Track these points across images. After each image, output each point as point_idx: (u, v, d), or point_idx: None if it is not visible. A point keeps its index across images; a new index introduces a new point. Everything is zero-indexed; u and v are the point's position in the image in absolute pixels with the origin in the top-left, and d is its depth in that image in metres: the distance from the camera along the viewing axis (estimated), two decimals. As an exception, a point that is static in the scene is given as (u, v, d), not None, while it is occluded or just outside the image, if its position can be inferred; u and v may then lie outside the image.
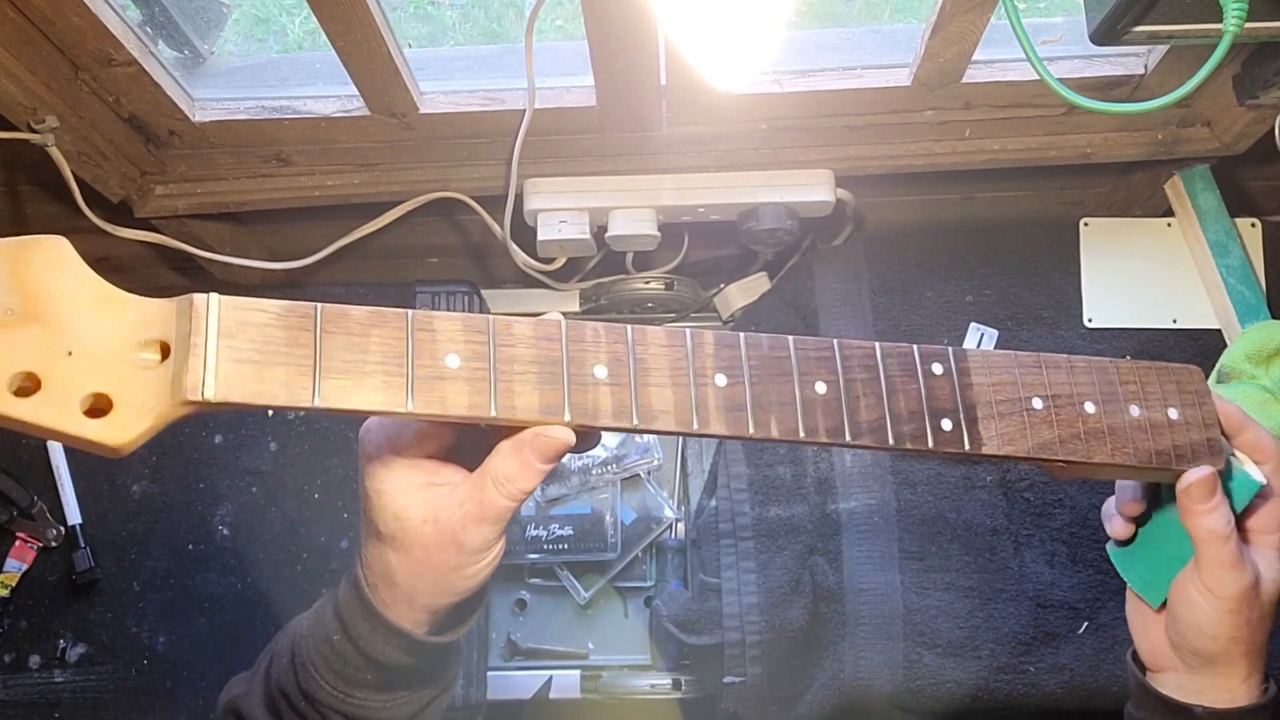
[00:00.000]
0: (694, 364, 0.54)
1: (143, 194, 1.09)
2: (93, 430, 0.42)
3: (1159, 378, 0.62)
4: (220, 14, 1.10)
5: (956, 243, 1.14)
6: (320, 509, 1.09)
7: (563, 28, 1.34)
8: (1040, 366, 0.60)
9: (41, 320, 0.42)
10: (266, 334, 0.46)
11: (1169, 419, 0.62)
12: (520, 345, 0.50)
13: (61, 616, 1.06)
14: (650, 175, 1.08)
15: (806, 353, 0.56)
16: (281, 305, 0.47)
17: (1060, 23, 1.03)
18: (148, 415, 0.43)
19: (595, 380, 0.52)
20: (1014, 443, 0.59)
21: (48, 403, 0.41)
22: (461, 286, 1.17)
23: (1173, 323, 1.09)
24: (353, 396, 0.47)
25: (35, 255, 0.43)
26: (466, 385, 0.49)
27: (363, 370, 0.48)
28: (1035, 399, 0.60)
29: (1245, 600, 0.59)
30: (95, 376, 0.43)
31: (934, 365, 0.58)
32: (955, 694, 0.97)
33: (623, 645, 1.16)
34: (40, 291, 0.42)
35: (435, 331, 0.49)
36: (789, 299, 1.15)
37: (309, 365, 0.47)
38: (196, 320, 0.45)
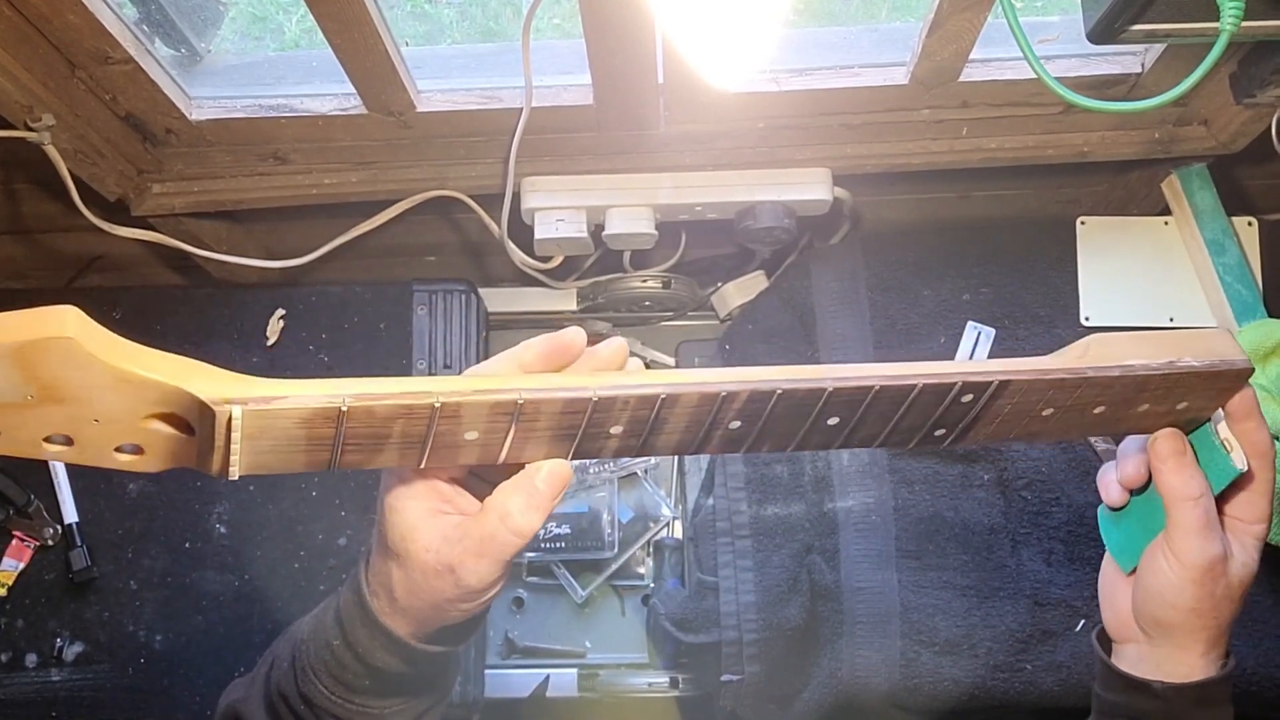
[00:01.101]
0: (714, 417, 0.53)
1: (140, 192, 1.09)
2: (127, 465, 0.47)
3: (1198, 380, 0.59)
4: (217, 12, 1.10)
5: (954, 241, 1.14)
6: (318, 507, 1.08)
7: (560, 26, 1.34)
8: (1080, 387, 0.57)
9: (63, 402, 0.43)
10: (290, 434, 0.48)
11: (1174, 408, 0.60)
12: (543, 420, 0.50)
13: (58, 615, 1.06)
14: (647, 174, 1.08)
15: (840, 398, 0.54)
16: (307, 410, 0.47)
17: (1057, 21, 1.03)
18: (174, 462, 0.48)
19: (609, 435, 0.52)
20: (993, 438, 0.60)
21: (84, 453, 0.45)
22: (459, 285, 1.17)
23: (1170, 321, 1.09)
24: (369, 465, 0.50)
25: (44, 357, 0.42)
26: (480, 450, 0.51)
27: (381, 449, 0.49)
28: (1048, 409, 0.58)
29: (1210, 572, 0.59)
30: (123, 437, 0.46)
31: (965, 396, 0.56)
32: (952, 692, 0.97)
33: (620, 644, 1.16)
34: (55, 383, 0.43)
35: (460, 418, 0.49)
36: (786, 297, 1.15)
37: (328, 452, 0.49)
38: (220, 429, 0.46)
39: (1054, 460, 1.04)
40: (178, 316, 1.15)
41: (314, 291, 1.17)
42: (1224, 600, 0.60)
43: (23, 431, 0.44)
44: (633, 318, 1.29)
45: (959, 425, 0.58)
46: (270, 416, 0.47)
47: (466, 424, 0.49)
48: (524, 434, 0.51)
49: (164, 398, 0.45)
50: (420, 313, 1.16)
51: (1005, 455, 1.04)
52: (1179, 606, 0.60)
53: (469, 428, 0.49)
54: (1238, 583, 0.61)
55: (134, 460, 0.47)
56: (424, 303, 1.16)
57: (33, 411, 0.43)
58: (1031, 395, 0.57)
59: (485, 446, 0.51)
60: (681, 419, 0.53)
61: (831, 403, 0.54)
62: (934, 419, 0.57)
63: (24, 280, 1.44)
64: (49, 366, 0.42)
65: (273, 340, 1.14)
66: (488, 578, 0.53)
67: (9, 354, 0.41)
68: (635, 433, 0.53)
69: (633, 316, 1.28)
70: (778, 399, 0.53)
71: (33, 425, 0.44)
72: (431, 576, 0.53)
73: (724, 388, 0.51)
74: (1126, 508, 0.65)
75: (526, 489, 0.52)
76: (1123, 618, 0.64)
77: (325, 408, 0.47)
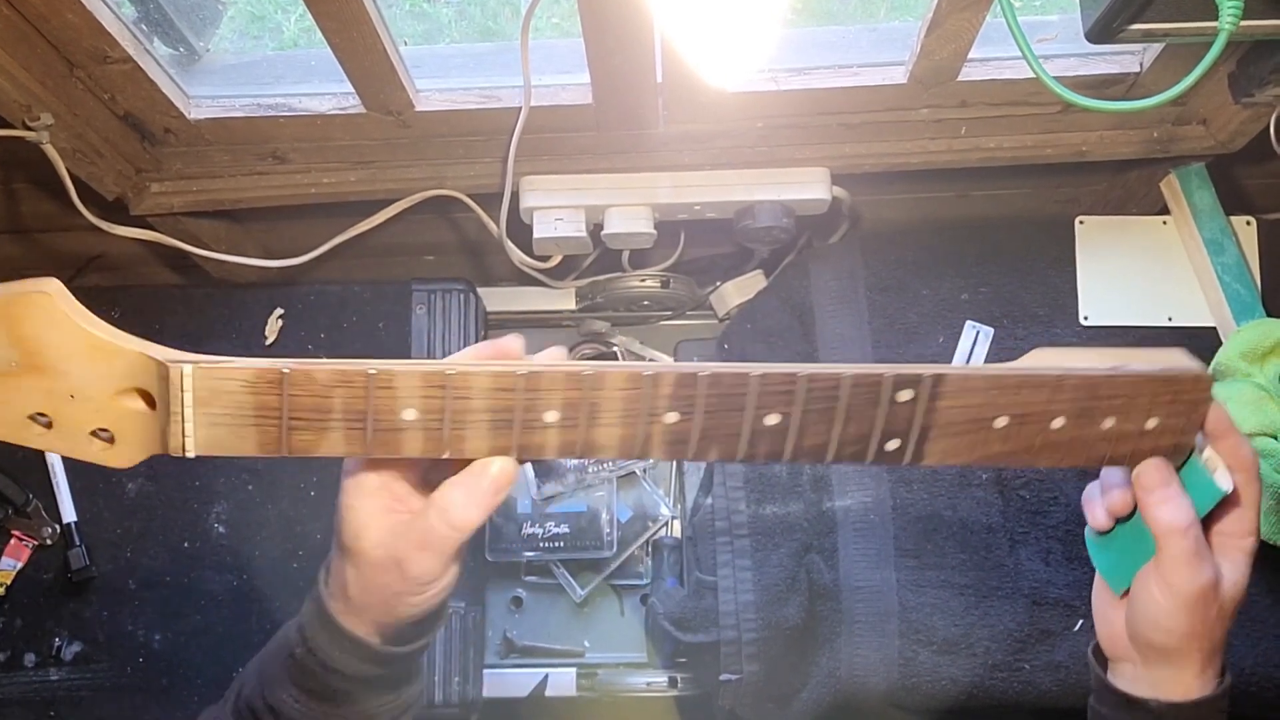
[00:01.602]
0: (648, 404, 0.54)
1: (138, 192, 1.09)
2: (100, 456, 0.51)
3: (1156, 388, 0.58)
4: (216, 11, 1.10)
5: (952, 240, 1.14)
6: (316, 506, 1.08)
7: (559, 25, 1.34)
8: (1021, 387, 0.57)
9: (42, 371, 0.48)
10: (238, 400, 0.50)
11: (1144, 429, 0.59)
12: (476, 397, 0.52)
13: (57, 614, 1.06)
14: (646, 173, 1.08)
15: (768, 388, 0.54)
16: (251, 371, 0.50)
17: (1056, 21, 1.03)
18: (143, 450, 0.51)
19: (545, 424, 0.53)
20: (957, 457, 0.59)
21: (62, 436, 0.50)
22: (458, 284, 1.17)
23: (1168, 320, 1.09)
24: (317, 447, 0.52)
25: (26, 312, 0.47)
26: (422, 436, 0.52)
27: (326, 426, 0.51)
28: (1000, 418, 0.57)
29: (1202, 599, 0.59)
30: (97, 416, 0.50)
31: (902, 393, 0.56)
32: (951, 691, 0.97)
33: (619, 643, 1.16)
34: (36, 345, 0.47)
35: (395, 389, 0.51)
36: (785, 297, 1.15)
37: (277, 425, 0.51)
38: (174, 390, 0.49)
39: (1052, 459, 1.04)
40: (176, 316, 1.15)
41: (313, 291, 1.17)
42: (1217, 621, 0.60)
43: (9, 407, 0.49)
44: (631, 317, 1.29)
45: (911, 435, 0.57)
46: (218, 376, 0.49)
47: (402, 397, 0.51)
48: (460, 415, 0.52)
49: (130, 368, 0.48)
50: (419, 312, 1.16)
51: (1004, 454, 1.04)
52: (1174, 632, 0.60)
53: (405, 403, 0.51)
54: (1230, 601, 0.61)
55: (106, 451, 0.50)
56: (423, 302, 1.16)
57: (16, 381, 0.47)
58: (974, 397, 0.56)
59: (426, 431, 0.52)
60: (615, 405, 0.53)
61: (763, 393, 0.54)
62: (881, 426, 0.56)
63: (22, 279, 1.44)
64: (30, 324, 0.47)
65: (271, 339, 1.14)
66: (432, 570, 0.54)
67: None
68: (572, 421, 0.53)
69: (631, 316, 1.28)
70: (706, 383, 0.53)
71: (18, 399, 0.48)
72: (380, 571, 0.54)
73: (649, 368, 0.53)
74: (1115, 531, 0.65)
75: (467, 484, 0.53)
76: (1117, 637, 0.64)
77: (268, 369, 0.50)
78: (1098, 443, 0.59)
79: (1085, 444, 0.59)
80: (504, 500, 0.55)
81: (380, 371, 0.50)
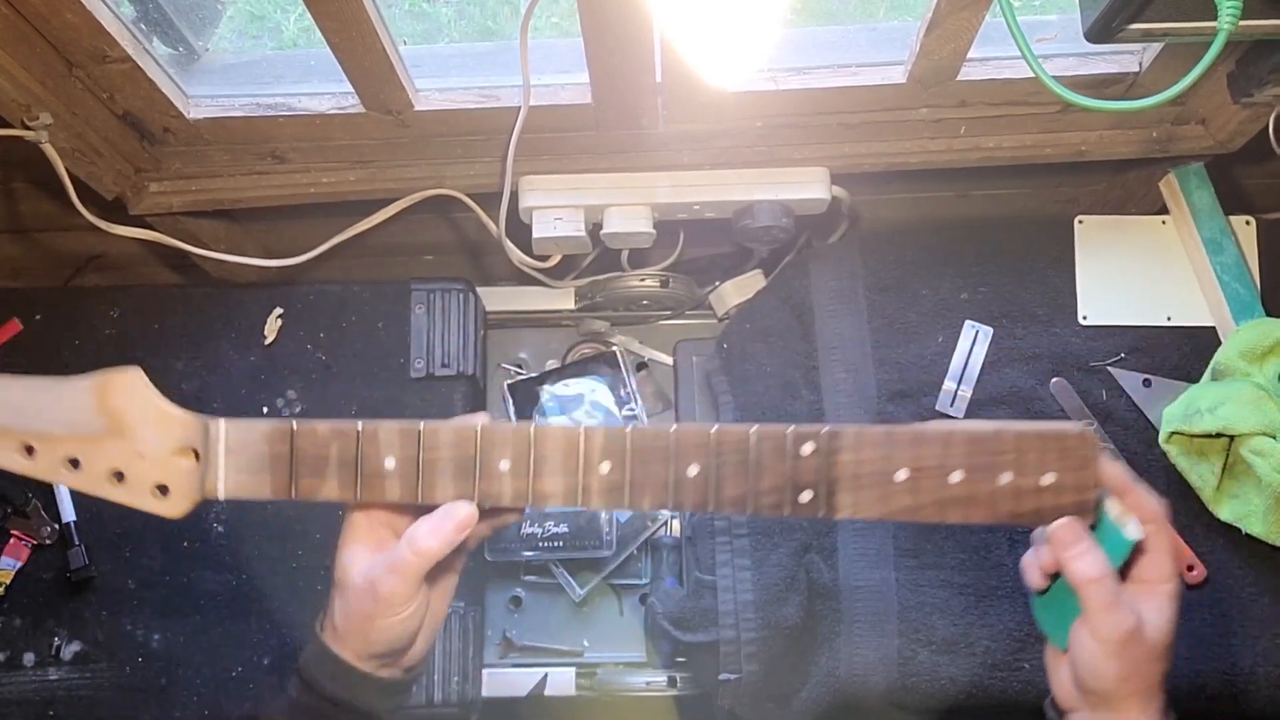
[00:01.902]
0: (585, 457, 0.63)
1: (137, 191, 1.09)
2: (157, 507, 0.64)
3: (1042, 444, 0.63)
4: (215, 10, 1.10)
5: (952, 240, 1.14)
6: (315, 506, 1.08)
7: (558, 25, 1.34)
8: (915, 443, 0.62)
9: (122, 435, 0.63)
10: (258, 450, 0.63)
11: (1040, 484, 0.63)
12: (442, 449, 0.63)
13: (56, 614, 1.06)
14: (646, 173, 1.08)
15: (685, 441, 0.62)
16: (268, 426, 0.63)
17: (1055, 20, 1.03)
18: (189, 500, 0.64)
19: (500, 473, 0.63)
20: (869, 510, 0.63)
21: (130, 490, 0.64)
22: (457, 284, 1.17)
23: (1167, 320, 1.09)
24: (319, 492, 0.64)
25: (115, 388, 0.62)
26: (400, 483, 0.64)
27: (324, 473, 0.64)
28: (900, 471, 0.62)
29: (1127, 643, 0.63)
30: (158, 473, 0.64)
31: (805, 446, 0.62)
32: (950, 691, 0.97)
33: (618, 642, 1.16)
34: (119, 414, 0.63)
35: (378, 441, 0.63)
36: (784, 296, 1.15)
37: (287, 472, 0.64)
38: (213, 442, 0.63)
39: (1052, 459, 1.04)
40: (176, 315, 1.15)
41: (312, 290, 1.17)
42: (1146, 662, 0.64)
43: (96, 465, 0.63)
44: (631, 316, 1.29)
45: (820, 487, 0.63)
46: (244, 429, 0.63)
47: (384, 448, 0.63)
48: (430, 465, 0.63)
49: (185, 430, 0.63)
50: (418, 311, 1.16)
51: (1003, 454, 1.04)
52: (1107, 676, 0.64)
53: (386, 452, 0.63)
54: (1157, 643, 0.64)
55: (161, 502, 0.64)
56: (422, 301, 1.16)
57: (102, 444, 0.63)
58: (872, 450, 0.62)
59: (403, 478, 0.64)
60: (557, 455, 0.63)
61: (681, 445, 0.63)
62: (790, 477, 0.63)
63: (21, 279, 1.44)
64: (117, 398, 0.62)
65: (271, 339, 1.14)
66: (397, 590, 0.63)
67: (92, 387, 0.62)
68: (522, 470, 0.63)
69: (631, 315, 1.28)
70: (631, 438, 0.63)
71: (103, 458, 0.63)
72: (358, 596, 0.64)
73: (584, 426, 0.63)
74: (1051, 589, 0.68)
75: (433, 519, 0.63)
76: (1066, 690, 0.68)
77: (281, 424, 0.63)
78: (1000, 498, 0.63)
79: (988, 499, 0.63)
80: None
81: (366, 427, 0.63)
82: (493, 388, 1.24)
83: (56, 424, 0.63)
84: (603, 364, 1.22)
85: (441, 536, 0.63)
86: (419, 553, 0.62)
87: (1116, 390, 1.06)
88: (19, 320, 1.15)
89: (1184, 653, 0.96)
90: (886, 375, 1.08)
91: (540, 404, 1.19)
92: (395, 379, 1.13)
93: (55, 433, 0.63)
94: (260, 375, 1.13)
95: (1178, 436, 1.00)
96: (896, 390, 1.08)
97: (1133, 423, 1.05)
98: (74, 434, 0.63)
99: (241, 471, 0.63)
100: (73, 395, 0.62)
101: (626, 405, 1.19)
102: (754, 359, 1.12)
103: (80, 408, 0.63)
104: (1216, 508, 0.99)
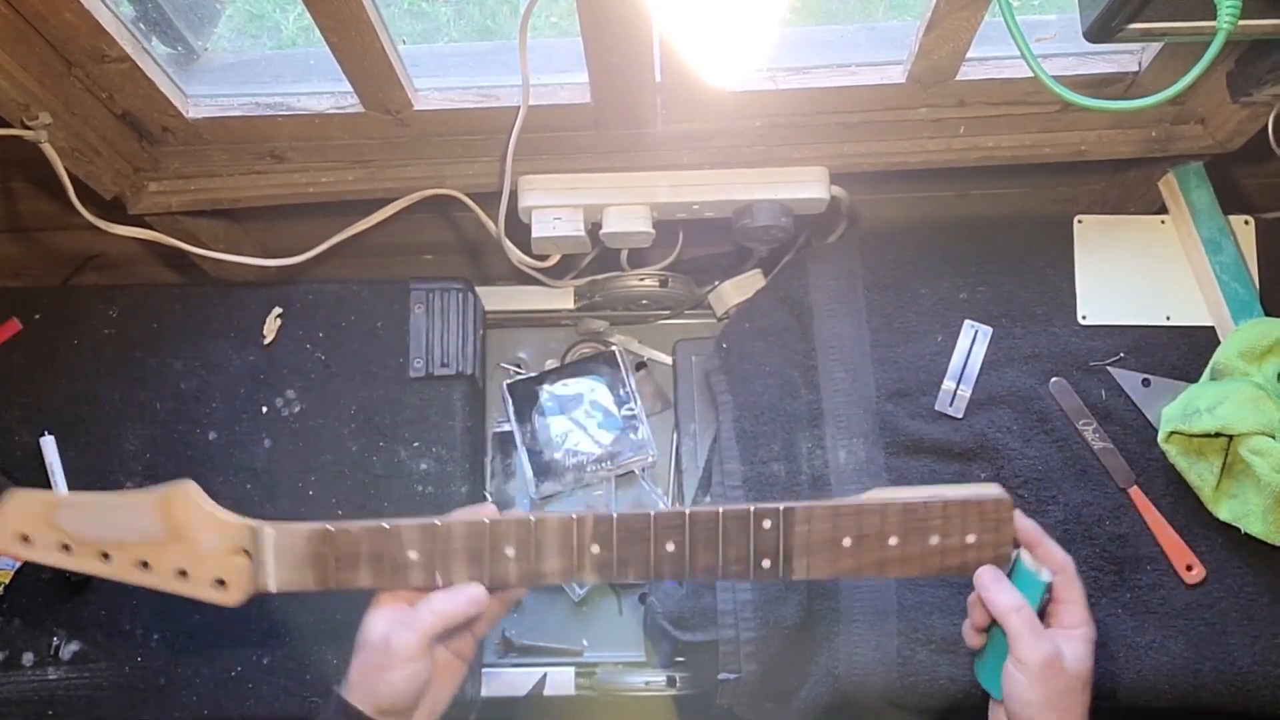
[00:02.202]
0: (577, 540, 0.73)
1: (136, 191, 1.09)
2: (218, 598, 0.74)
3: (964, 510, 0.75)
4: (214, 10, 1.10)
5: (951, 240, 1.14)
6: (314, 505, 1.08)
7: (557, 24, 1.34)
8: (857, 514, 0.74)
9: (183, 540, 0.74)
10: (301, 550, 0.74)
11: (965, 543, 0.75)
12: (456, 540, 0.73)
13: (55, 614, 1.06)
14: (645, 172, 1.08)
15: (662, 522, 0.73)
16: (308, 529, 0.74)
17: (1054, 20, 1.03)
18: (244, 592, 0.74)
19: (507, 557, 0.74)
20: (821, 570, 0.75)
21: (194, 584, 0.74)
22: (456, 284, 1.17)
23: (1166, 320, 1.10)
24: (354, 582, 0.74)
25: (176, 501, 0.73)
26: (421, 571, 0.74)
27: (357, 565, 0.74)
28: (846, 538, 0.74)
29: (1048, 669, 0.71)
30: (216, 569, 0.74)
31: (765, 522, 0.74)
32: (949, 690, 0.97)
33: (617, 642, 1.16)
34: (180, 523, 0.73)
35: (402, 537, 0.73)
36: (783, 296, 1.15)
37: (326, 566, 0.74)
38: (263, 545, 0.74)
39: (1050, 458, 1.04)
40: (174, 315, 1.15)
41: (311, 290, 1.17)
42: (1068, 693, 0.72)
43: (163, 564, 0.73)
44: (630, 316, 1.29)
45: (779, 554, 0.74)
46: (288, 534, 0.74)
47: (407, 542, 0.73)
48: (446, 554, 0.73)
49: (238, 534, 0.74)
50: (417, 311, 1.16)
51: (1002, 454, 1.04)
52: (1033, 703, 0.71)
53: (409, 546, 0.73)
54: (1075, 675, 0.72)
55: (222, 593, 0.74)
56: (421, 301, 1.16)
57: (166, 548, 0.74)
58: (822, 523, 0.74)
59: (424, 567, 0.74)
60: (554, 540, 0.73)
61: (660, 526, 0.73)
62: (754, 548, 0.74)
63: (20, 278, 1.44)
64: (177, 509, 0.73)
65: (269, 339, 1.14)
66: (409, 645, 0.71)
67: (157, 501, 0.73)
68: (525, 555, 0.74)
69: (630, 315, 1.28)
70: (618, 522, 0.73)
71: (169, 559, 0.74)
72: (372, 651, 0.72)
73: (575, 514, 0.73)
74: (986, 646, 0.78)
75: (450, 591, 0.73)
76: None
77: (319, 527, 0.73)
78: (932, 555, 0.75)
79: (922, 556, 0.75)
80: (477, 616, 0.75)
81: (393, 526, 0.73)
82: (492, 387, 1.24)
83: (128, 533, 0.75)
84: (602, 363, 1.22)
85: (454, 604, 0.72)
86: (433, 611, 0.72)
87: (1115, 390, 1.06)
88: (18, 320, 1.15)
89: (1183, 652, 0.97)
90: (885, 374, 1.08)
91: (539, 403, 1.19)
92: (394, 378, 1.13)
93: (127, 540, 0.75)
94: (259, 375, 1.13)
95: (1177, 436, 1.01)
96: (895, 390, 1.08)
97: (1132, 422, 1.05)
98: (143, 540, 0.75)
99: (288, 569, 0.74)
100: (140, 508, 0.74)
101: (625, 405, 1.19)
102: (753, 358, 1.12)
103: (147, 519, 0.74)
104: (1215, 507, 0.99)
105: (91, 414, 1.12)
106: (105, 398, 1.12)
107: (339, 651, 1.01)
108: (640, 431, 1.18)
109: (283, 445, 1.11)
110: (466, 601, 0.73)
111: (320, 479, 1.10)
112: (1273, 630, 0.97)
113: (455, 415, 1.12)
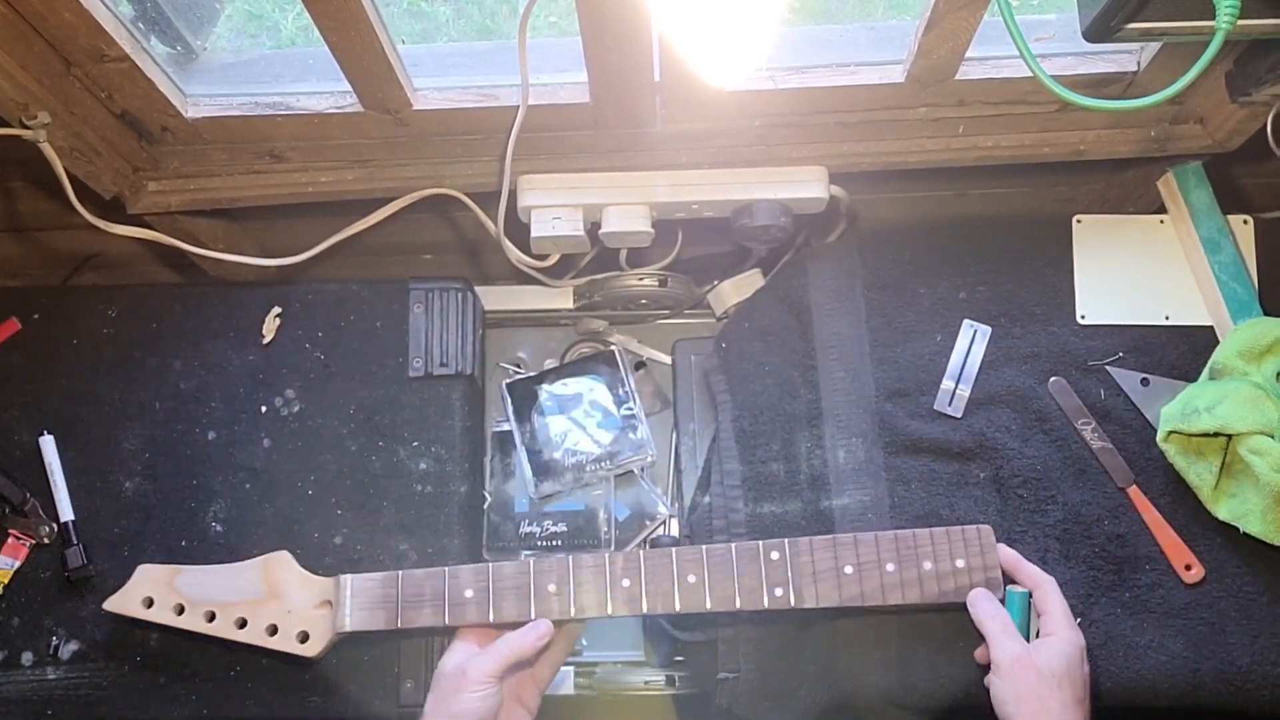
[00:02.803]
0: (610, 575, 0.88)
1: (135, 190, 1.09)
2: (301, 650, 0.88)
3: (950, 539, 0.90)
4: (213, 9, 1.10)
5: (950, 239, 1.14)
6: (314, 505, 1.08)
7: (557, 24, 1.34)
8: (854, 544, 0.90)
9: (278, 598, 0.90)
10: (373, 594, 0.89)
11: (955, 567, 0.89)
12: (507, 579, 0.89)
13: (54, 613, 1.06)
14: (644, 172, 1.08)
15: (683, 558, 0.89)
16: (382, 577, 0.90)
17: (1053, 20, 1.03)
18: (324, 641, 0.89)
19: (549, 593, 0.89)
20: (829, 597, 0.88)
21: (281, 638, 0.89)
22: (455, 283, 1.17)
23: (1165, 319, 1.10)
24: (418, 620, 0.88)
25: (274, 565, 0.91)
26: (476, 607, 0.88)
27: (421, 604, 0.89)
28: (847, 566, 0.89)
29: (1016, 664, 0.81)
30: (301, 624, 0.90)
31: (773, 553, 0.89)
32: (949, 690, 0.97)
33: (616, 641, 1.16)
34: (276, 583, 0.91)
35: (460, 578, 0.89)
36: (782, 295, 1.15)
37: (395, 607, 0.89)
38: (342, 592, 0.90)
39: (1050, 458, 1.04)
40: (174, 314, 1.15)
41: (310, 290, 1.17)
42: (1041, 686, 0.80)
43: (258, 621, 0.89)
44: (629, 316, 1.29)
45: (789, 582, 0.88)
46: (363, 580, 0.90)
47: (464, 583, 0.89)
48: (499, 592, 0.88)
49: (323, 589, 0.91)
50: (417, 311, 1.16)
51: (1001, 453, 1.04)
52: (1006, 700, 0.81)
53: (466, 586, 0.89)
54: (1049, 674, 0.81)
55: (305, 645, 0.89)
56: (420, 301, 1.16)
57: (263, 605, 0.89)
58: (824, 553, 0.89)
59: (479, 604, 0.88)
60: (590, 575, 0.89)
61: (682, 561, 0.88)
62: (766, 577, 0.89)
63: (19, 278, 1.44)
64: (275, 572, 0.91)
65: (269, 338, 1.14)
66: (486, 670, 0.83)
67: (261, 565, 0.91)
68: (565, 590, 0.88)
69: (629, 315, 1.28)
70: (645, 557, 0.88)
71: (264, 616, 0.89)
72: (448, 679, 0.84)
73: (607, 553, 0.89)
74: None
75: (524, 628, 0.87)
76: None
77: (390, 575, 0.89)
78: (928, 580, 0.89)
79: (918, 581, 0.89)
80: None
81: (451, 570, 0.89)
82: (491, 387, 1.24)
83: (231, 594, 0.89)
84: (601, 363, 1.22)
85: (527, 638, 0.86)
86: (509, 643, 0.85)
87: (1114, 389, 1.06)
88: (17, 319, 1.15)
89: (1182, 652, 0.97)
90: (885, 374, 1.08)
91: (538, 403, 1.19)
92: (393, 378, 1.13)
93: (230, 601, 0.89)
94: (259, 374, 1.13)
95: (1176, 435, 1.01)
96: (895, 389, 1.08)
97: (1130, 422, 1.05)
98: (244, 600, 0.89)
99: (362, 610, 0.89)
100: (245, 571, 0.91)
101: (625, 405, 1.19)
102: (752, 358, 1.12)
103: (250, 580, 0.90)
104: (1214, 507, 1.00)
105: (91, 414, 1.12)
106: (105, 397, 1.12)
107: (338, 652, 1.01)
108: (639, 431, 1.18)
109: (282, 445, 1.11)
110: (535, 636, 0.86)
111: (319, 478, 1.10)
112: (1272, 630, 0.97)
113: (454, 415, 1.12)
